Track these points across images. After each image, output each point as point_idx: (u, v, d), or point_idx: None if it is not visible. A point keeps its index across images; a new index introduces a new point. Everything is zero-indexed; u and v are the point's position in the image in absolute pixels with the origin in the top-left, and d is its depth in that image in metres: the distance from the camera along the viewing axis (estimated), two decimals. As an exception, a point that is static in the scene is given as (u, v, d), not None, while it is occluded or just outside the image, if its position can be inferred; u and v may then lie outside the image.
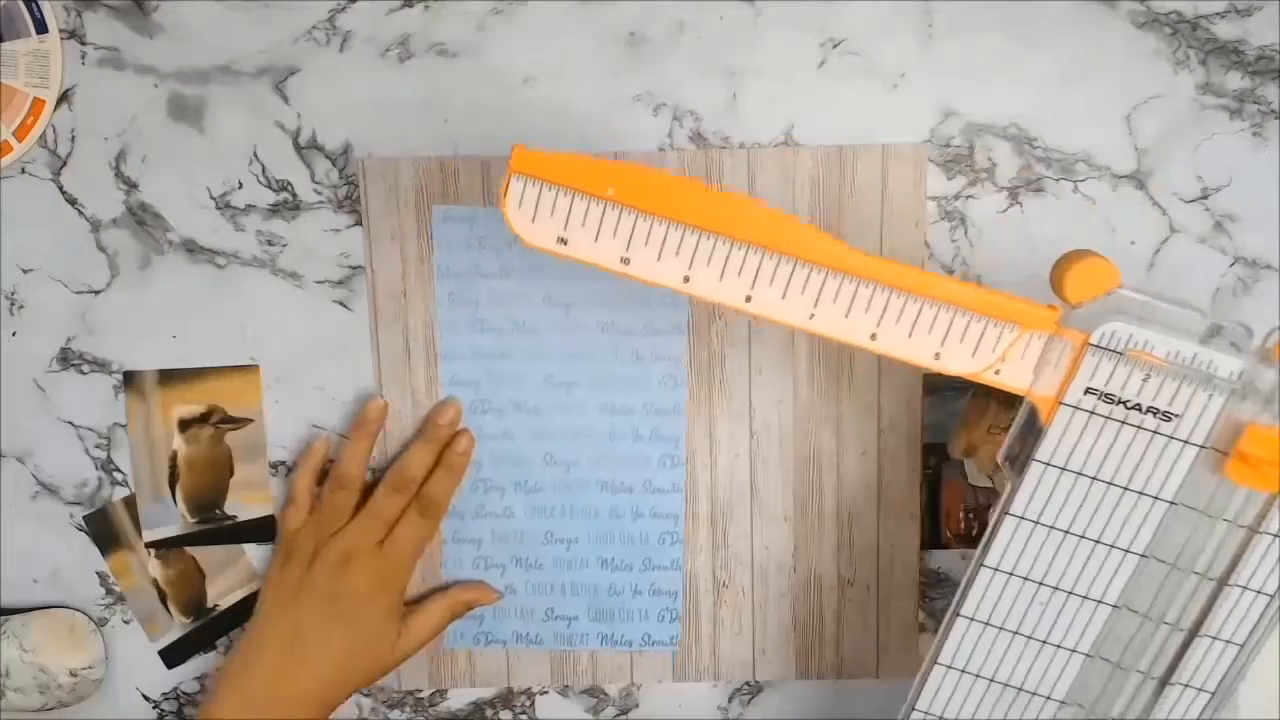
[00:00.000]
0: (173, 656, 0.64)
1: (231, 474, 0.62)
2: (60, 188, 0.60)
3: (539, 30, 0.58)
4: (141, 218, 0.60)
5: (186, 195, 0.60)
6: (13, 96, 0.58)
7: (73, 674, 0.61)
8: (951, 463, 0.61)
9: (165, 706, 0.64)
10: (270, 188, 0.60)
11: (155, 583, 0.63)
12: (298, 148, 0.59)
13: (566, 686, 0.64)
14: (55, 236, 0.60)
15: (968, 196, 0.59)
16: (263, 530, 0.62)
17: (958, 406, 0.61)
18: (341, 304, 0.61)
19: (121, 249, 0.60)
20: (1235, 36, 0.58)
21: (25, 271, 0.60)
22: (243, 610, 0.63)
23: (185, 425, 0.61)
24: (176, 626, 0.63)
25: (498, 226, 0.59)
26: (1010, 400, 0.45)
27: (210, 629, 0.63)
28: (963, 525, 0.62)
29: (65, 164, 0.59)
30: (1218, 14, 0.58)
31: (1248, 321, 0.42)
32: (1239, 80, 0.58)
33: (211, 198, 0.60)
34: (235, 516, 0.62)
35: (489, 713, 0.64)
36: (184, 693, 0.64)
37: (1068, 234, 0.59)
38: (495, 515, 0.62)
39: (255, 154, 0.59)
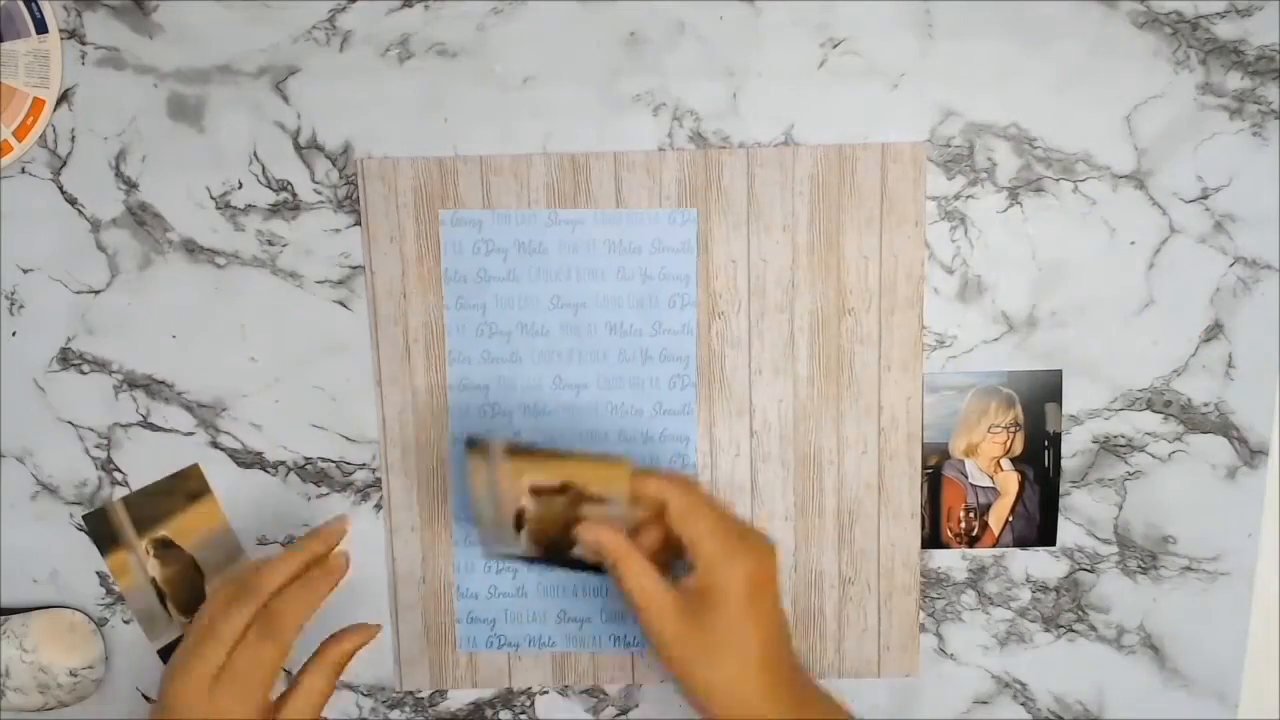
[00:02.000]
0: (173, 656, 0.64)
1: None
2: (60, 188, 0.60)
3: (539, 30, 0.58)
4: (141, 218, 0.60)
5: (186, 195, 0.60)
6: (13, 96, 0.58)
7: (73, 674, 0.61)
8: (951, 462, 0.61)
9: (165, 706, 0.64)
10: (270, 188, 0.60)
11: (155, 582, 0.63)
12: (298, 148, 0.59)
13: (566, 686, 0.64)
14: (55, 236, 0.60)
15: (968, 196, 0.59)
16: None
17: (958, 406, 0.61)
18: (341, 304, 0.61)
19: (121, 249, 0.60)
20: (1235, 36, 0.58)
21: (25, 271, 0.60)
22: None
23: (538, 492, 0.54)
24: (176, 626, 0.63)
25: (505, 229, 0.59)
26: (1009, 400, 0.45)
27: (210, 629, 0.63)
28: (963, 525, 0.62)
29: (65, 164, 0.59)
30: (1218, 14, 0.58)
31: (1245, 322, 0.42)
32: (1239, 80, 0.58)
33: (211, 198, 0.60)
34: None
35: (489, 713, 0.64)
36: (184, 693, 0.64)
37: (1068, 234, 0.59)
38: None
39: (255, 154, 0.59)
